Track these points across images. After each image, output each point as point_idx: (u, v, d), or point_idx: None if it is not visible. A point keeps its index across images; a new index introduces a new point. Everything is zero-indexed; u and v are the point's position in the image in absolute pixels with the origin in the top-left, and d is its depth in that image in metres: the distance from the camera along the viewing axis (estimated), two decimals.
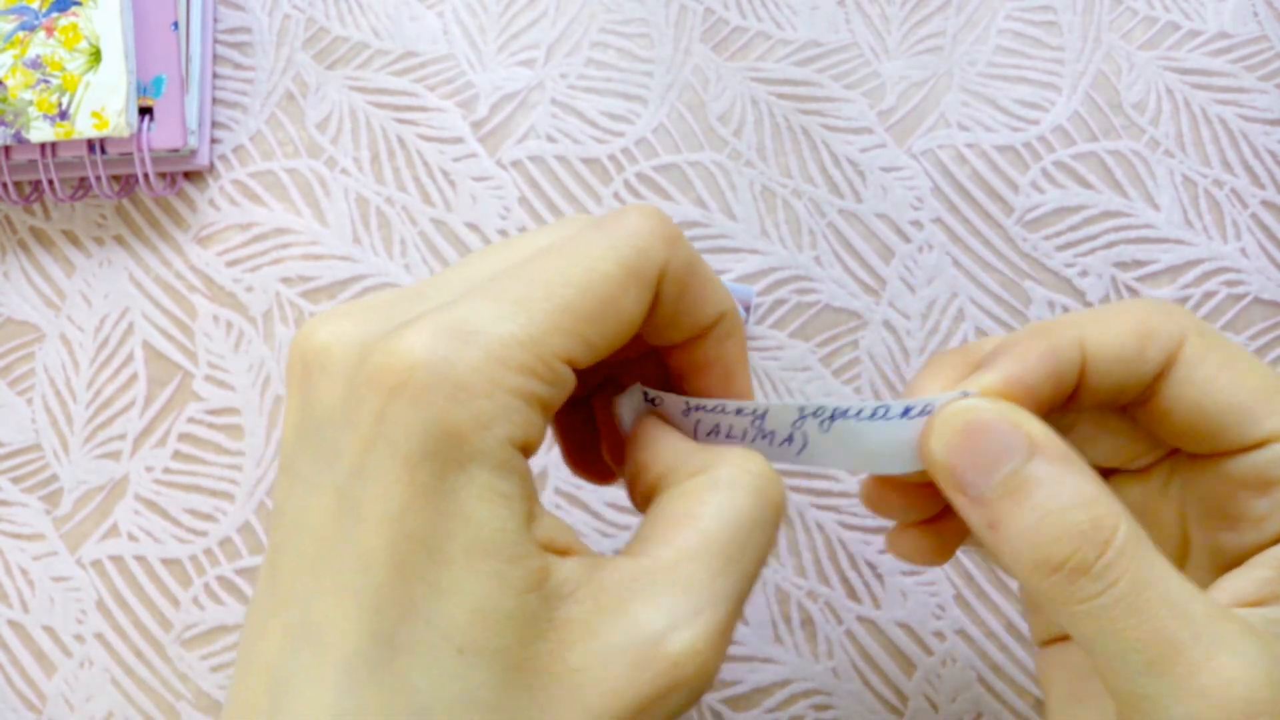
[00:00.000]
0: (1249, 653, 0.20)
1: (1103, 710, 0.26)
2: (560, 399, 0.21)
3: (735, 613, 0.21)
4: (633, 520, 0.37)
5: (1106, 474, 0.26)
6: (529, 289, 0.21)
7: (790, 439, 0.25)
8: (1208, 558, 0.25)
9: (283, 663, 0.20)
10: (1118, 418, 0.26)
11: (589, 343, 0.21)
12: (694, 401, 0.25)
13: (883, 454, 0.24)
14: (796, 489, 0.38)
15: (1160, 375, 0.24)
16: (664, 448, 0.24)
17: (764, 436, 0.25)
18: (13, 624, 0.38)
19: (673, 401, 0.25)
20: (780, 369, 0.38)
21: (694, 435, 0.25)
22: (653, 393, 0.25)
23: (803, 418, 0.24)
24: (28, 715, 0.37)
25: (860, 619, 0.37)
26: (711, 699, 0.37)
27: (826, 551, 0.37)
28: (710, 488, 0.22)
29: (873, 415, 0.24)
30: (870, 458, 0.24)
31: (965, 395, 0.23)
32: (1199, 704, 0.20)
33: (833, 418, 0.24)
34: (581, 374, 0.22)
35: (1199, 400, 0.23)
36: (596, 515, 0.37)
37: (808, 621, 0.37)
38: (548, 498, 0.37)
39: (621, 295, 0.22)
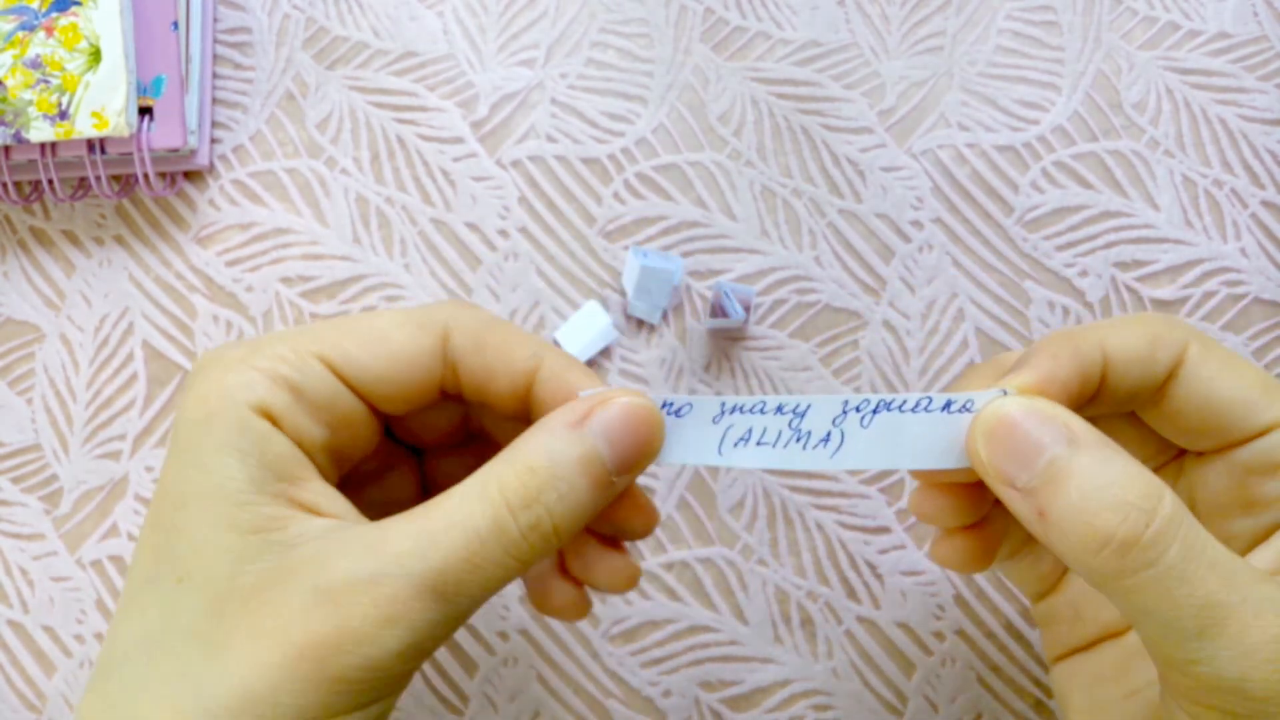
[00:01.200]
0: None
1: (1122, 717, 0.27)
2: (324, 393, 0.25)
3: (428, 592, 0.23)
4: None
5: None
6: (316, 326, 0.26)
7: (827, 438, 0.25)
8: (1227, 546, 0.26)
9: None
10: (1127, 424, 0.28)
11: (350, 355, 0.25)
12: (730, 403, 0.25)
13: (922, 447, 0.24)
14: (797, 489, 0.38)
15: (1169, 378, 0.25)
16: (528, 444, 0.25)
17: (799, 439, 0.25)
18: (13, 624, 0.38)
19: (704, 407, 0.25)
20: (780, 369, 0.38)
21: (718, 450, 0.25)
22: (680, 400, 0.25)
23: (845, 412, 0.25)
24: (28, 715, 0.37)
25: (860, 619, 0.37)
26: (711, 699, 0.37)
27: (826, 551, 0.37)
28: (464, 486, 0.24)
29: (915, 407, 0.24)
30: (909, 451, 0.25)
31: (1004, 393, 0.24)
32: (1251, 661, 0.21)
33: (875, 410, 0.25)
34: None
35: (1206, 397, 0.25)
36: None
37: (808, 621, 0.37)
38: None
39: (392, 329, 0.26)
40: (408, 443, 0.30)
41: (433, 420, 0.29)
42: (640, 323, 0.38)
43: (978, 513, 0.27)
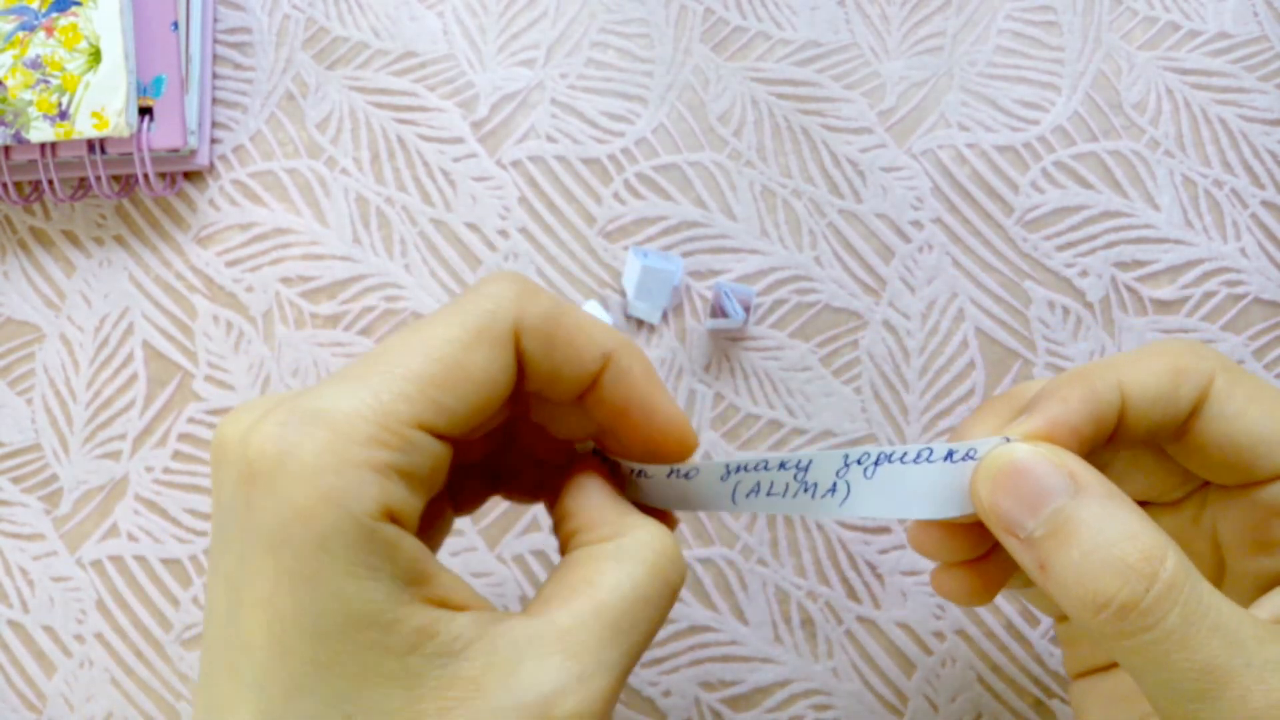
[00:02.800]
0: None
1: None
2: (428, 465, 0.22)
3: (620, 681, 0.22)
4: None
5: (1145, 507, 0.27)
6: (373, 365, 0.22)
7: (834, 489, 0.25)
8: (1244, 582, 0.26)
9: None
10: (1151, 454, 0.27)
11: (442, 406, 0.22)
12: (734, 464, 0.25)
13: (926, 498, 0.24)
14: None
15: (1193, 412, 0.25)
16: (587, 502, 0.25)
17: (806, 489, 0.25)
18: (13, 624, 0.38)
19: (710, 471, 0.26)
20: (780, 369, 0.38)
21: (731, 499, 0.26)
22: (686, 466, 0.26)
23: (846, 465, 0.24)
24: (28, 715, 0.37)
25: (860, 619, 0.37)
26: (711, 699, 0.37)
27: (826, 551, 0.37)
28: (613, 557, 0.23)
29: (917, 458, 0.24)
30: (914, 502, 0.24)
31: (1007, 440, 0.23)
32: None
33: (877, 462, 0.24)
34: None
35: (1231, 434, 0.24)
36: None
37: (808, 621, 0.37)
38: None
39: (468, 355, 0.22)
40: None
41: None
42: (640, 323, 0.38)
43: (979, 548, 0.26)
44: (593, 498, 0.25)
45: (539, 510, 0.37)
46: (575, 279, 0.38)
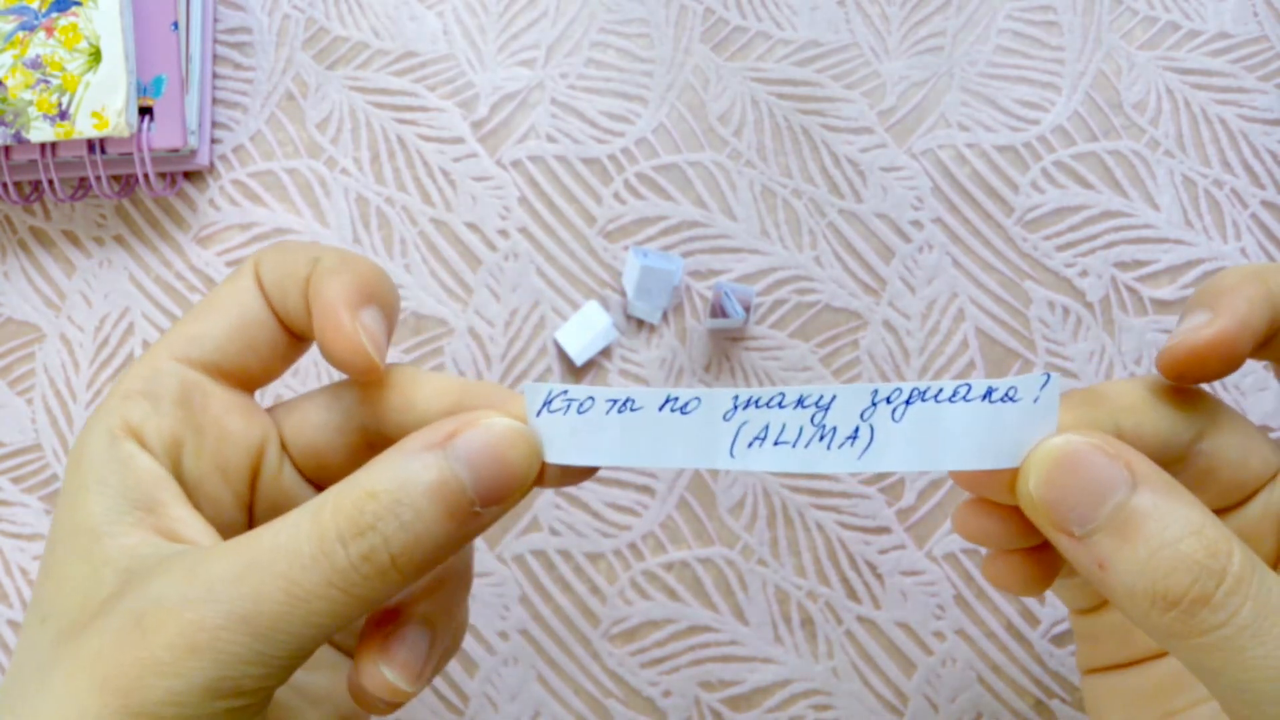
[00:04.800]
0: None
1: None
2: (173, 386, 0.24)
3: (240, 624, 0.21)
4: (633, 520, 0.37)
5: None
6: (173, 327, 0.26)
7: (855, 435, 0.22)
8: None
9: None
10: (1236, 446, 0.25)
11: (193, 336, 0.25)
12: (744, 396, 0.22)
13: (961, 445, 0.22)
14: (797, 489, 0.38)
15: None
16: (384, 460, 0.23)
17: (823, 436, 0.22)
18: (13, 624, 0.38)
19: (714, 401, 0.22)
20: (780, 369, 0.38)
21: (730, 451, 0.23)
22: (686, 395, 0.23)
23: (874, 404, 0.22)
24: None
25: (860, 619, 0.37)
26: (712, 699, 0.37)
27: (826, 551, 0.37)
28: (304, 505, 0.22)
29: (953, 396, 0.22)
30: (947, 450, 0.22)
31: (1048, 377, 0.21)
32: None
33: (909, 400, 0.22)
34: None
35: None
36: (596, 515, 0.38)
37: (808, 621, 0.37)
38: (548, 497, 0.37)
39: (217, 296, 0.26)
40: None
41: None
42: (640, 323, 0.38)
43: (1037, 536, 0.24)
44: (406, 439, 0.23)
45: (539, 510, 0.37)
46: (575, 279, 0.39)
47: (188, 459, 0.24)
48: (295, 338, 0.26)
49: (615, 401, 0.23)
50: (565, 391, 0.23)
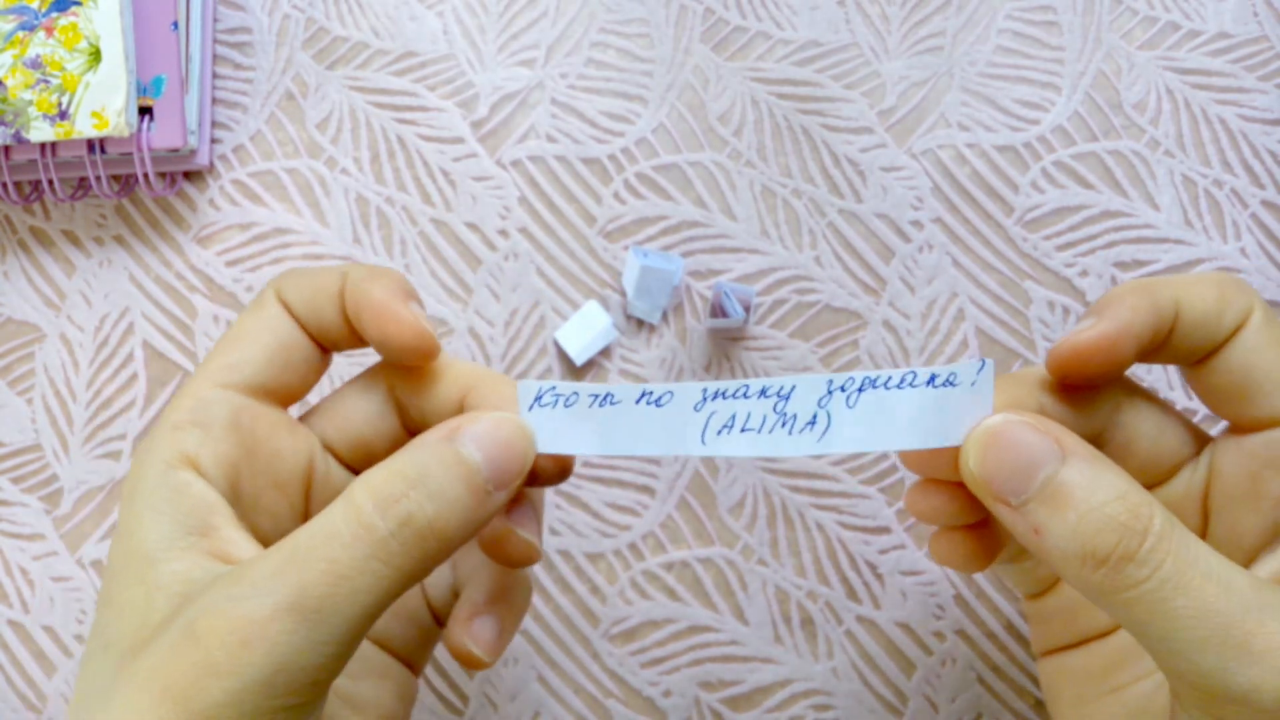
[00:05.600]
0: None
1: (1109, 710, 0.28)
2: (222, 413, 0.25)
3: (288, 611, 0.21)
4: (633, 520, 0.37)
5: None
6: (211, 355, 0.27)
7: (813, 421, 0.24)
8: (1229, 545, 0.26)
9: None
10: (1149, 424, 0.27)
11: (231, 364, 0.26)
12: (712, 388, 0.24)
13: (909, 426, 0.24)
14: (797, 489, 0.38)
15: (1226, 340, 0.26)
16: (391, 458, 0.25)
17: (784, 423, 0.24)
18: (13, 624, 0.38)
19: (685, 394, 0.25)
20: (780, 369, 0.38)
21: (701, 438, 0.25)
22: (660, 389, 0.25)
23: (830, 392, 0.24)
24: (28, 715, 0.37)
25: (860, 619, 0.37)
26: (711, 699, 0.37)
27: (826, 551, 0.37)
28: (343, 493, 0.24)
29: (900, 383, 0.24)
30: (896, 430, 0.24)
31: (983, 363, 0.24)
32: (1258, 670, 0.21)
33: (861, 388, 0.24)
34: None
35: (1247, 368, 0.25)
36: (596, 515, 0.38)
37: (808, 621, 0.37)
38: (547, 497, 0.37)
39: (246, 324, 0.27)
40: None
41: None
42: (640, 323, 0.38)
43: (979, 512, 0.27)
44: (418, 438, 0.25)
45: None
46: (575, 279, 0.39)
47: (244, 480, 0.25)
48: (324, 351, 0.28)
49: (597, 396, 0.25)
50: (554, 388, 0.25)
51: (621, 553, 0.37)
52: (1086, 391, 0.26)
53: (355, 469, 0.28)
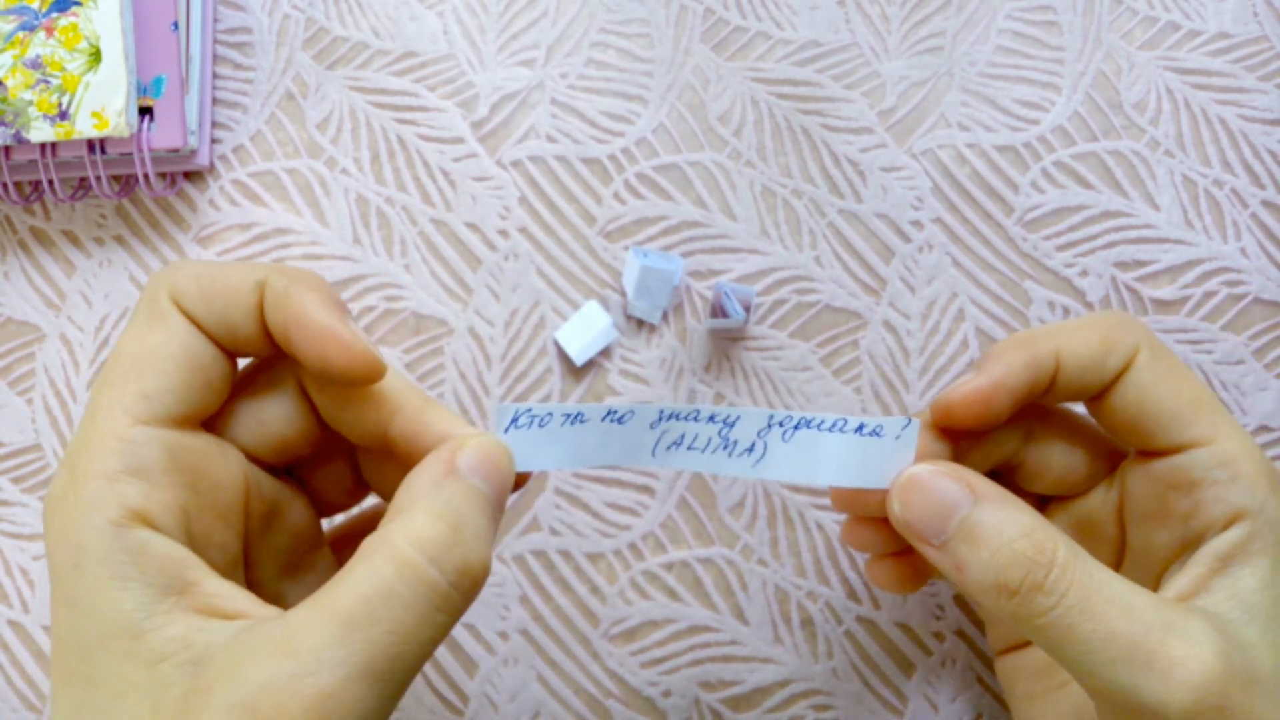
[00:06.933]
0: (1196, 633, 0.24)
1: (1055, 705, 0.30)
2: (159, 456, 0.23)
3: (357, 680, 0.21)
4: (633, 520, 0.37)
5: (1053, 500, 0.31)
6: (95, 392, 0.24)
7: (751, 449, 0.27)
8: (1144, 557, 0.29)
9: None
10: (1059, 448, 0.30)
11: (145, 394, 0.24)
12: (667, 410, 0.27)
13: (835, 465, 0.27)
14: (797, 489, 0.38)
15: (1115, 379, 0.28)
16: (408, 480, 0.25)
17: (725, 446, 0.27)
18: (13, 624, 0.38)
19: (644, 414, 0.27)
20: (780, 369, 0.38)
21: (652, 452, 0.27)
22: (623, 409, 0.27)
23: (769, 426, 0.27)
24: (28, 715, 0.37)
25: (860, 619, 0.37)
26: (712, 699, 0.37)
27: (826, 551, 0.37)
28: (367, 548, 0.23)
29: (832, 427, 0.27)
30: (821, 467, 0.27)
31: (908, 420, 0.27)
32: (1164, 685, 0.23)
33: (797, 426, 0.27)
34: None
35: (1141, 404, 0.28)
36: (596, 515, 0.38)
37: (808, 621, 0.37)
38: (547, 497, 0.37)
39: (146, 338, 0.24)
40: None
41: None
42: (640, 323, 0.38)
43: (903, 543, 0.29)
44: (413, 477, 0.25)
45: (539, 510, 0.37)
46: (575, 279, 0.39)
47: (195, 523, 0.24)
48: (232, 356, 0.26)
49: (569, 416, 0.27)
50: (529, 409, 0.27)
51: (621, 553, 0.37)
52: (973, 438, 0.29)
53: (277, 469, 0.27)
